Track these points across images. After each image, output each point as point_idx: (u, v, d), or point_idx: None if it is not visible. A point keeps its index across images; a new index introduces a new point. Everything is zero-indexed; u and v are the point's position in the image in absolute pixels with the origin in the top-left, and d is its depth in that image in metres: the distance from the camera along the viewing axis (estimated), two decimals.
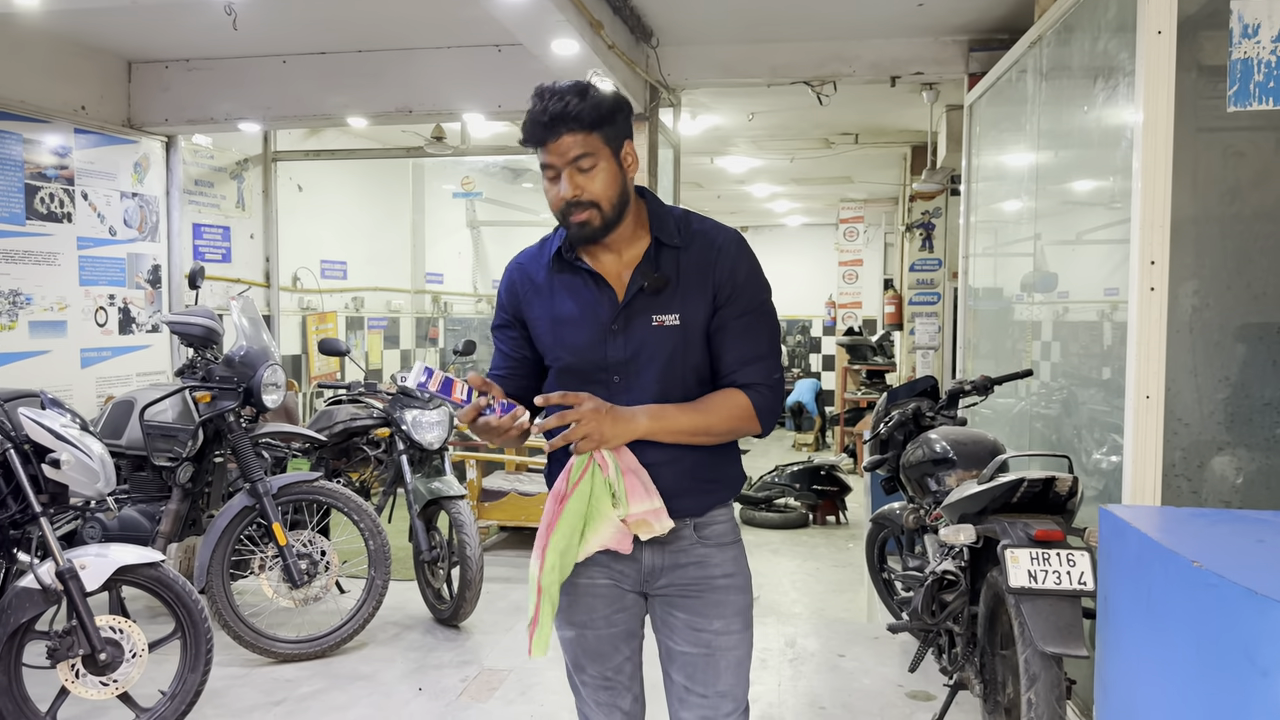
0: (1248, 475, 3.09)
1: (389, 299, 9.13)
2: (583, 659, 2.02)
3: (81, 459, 3.11)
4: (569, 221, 1.83)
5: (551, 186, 1.82)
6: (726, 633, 1.94)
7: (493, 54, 5.79)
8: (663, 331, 1.85)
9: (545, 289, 1.94)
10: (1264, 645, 1.22)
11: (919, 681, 3.85)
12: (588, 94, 1.78)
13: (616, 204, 1.83)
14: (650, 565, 1.94)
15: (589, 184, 1.79)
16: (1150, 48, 2.68)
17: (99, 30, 5.58)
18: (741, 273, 1.89)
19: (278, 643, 4.11)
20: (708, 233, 1.92)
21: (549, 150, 1.79)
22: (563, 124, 1.76)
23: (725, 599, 1.94)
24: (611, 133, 1.81)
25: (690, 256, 1.89)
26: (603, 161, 1.80)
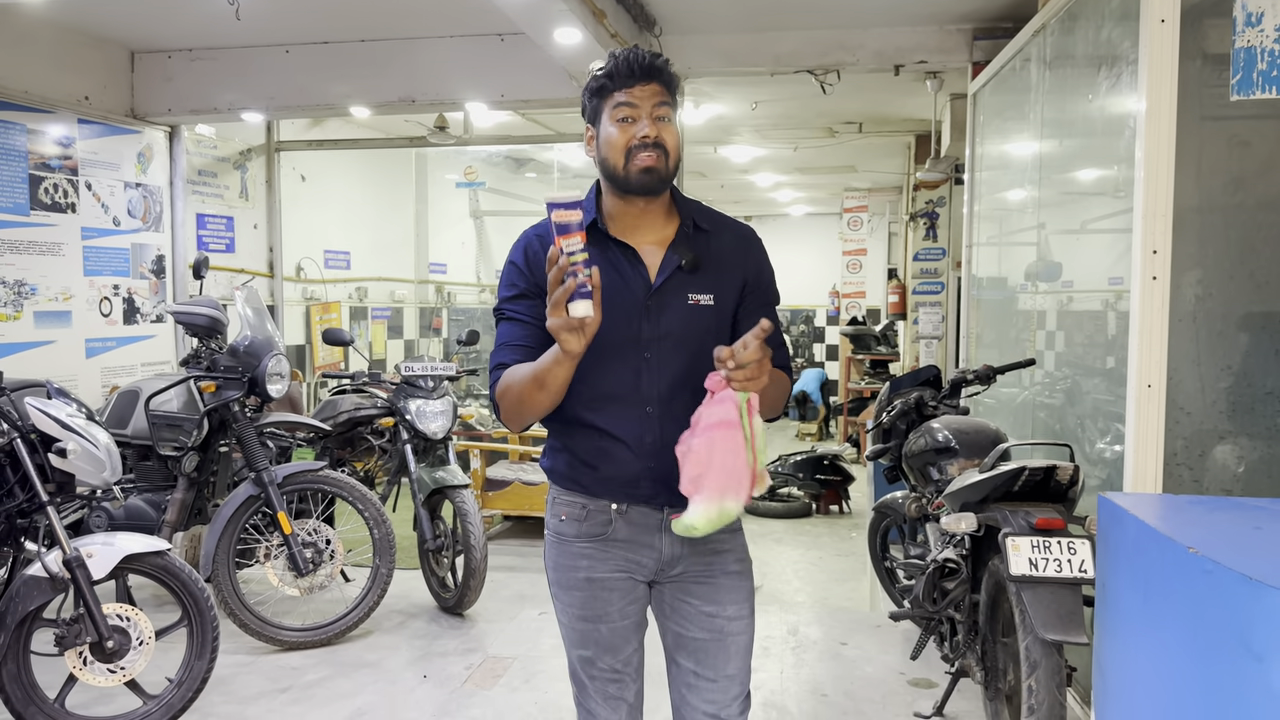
0: (1249, 464, 3.09)
1: (392, 289, 9.14)
2: (595, 652, 2.00)
3: (88, 448, 3.13)
4: (634, 165, 1.82)
5: (625, 128, 1.83)
6: (738, 618, 1.96)
7: (496, 43, 5.78)
8: (698, 310, 1.87)
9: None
10: (1258, 630, 1.23)
11: (921, 669, 3.87)
12: (668, 61, 1.90)
13: (677, 161, 1.88)
14: (670, 553, 1.94)
15: (666, 134, 1.84)
16: (1153, 36, 2.67)
17: (102, 20, 5.58)
18: (767, 267, 1.99)
19: (283, 631, 4.14)
20: (734, 223, 2.00)
21: (634, 92, 1.83)
22: (655, 74, 1.84)
23: (738, 584, 1.97)
24: (676, 100, 1.91)
25: (722, 242, 1.93)
26: (673, 118, 1.88)
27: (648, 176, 1.82)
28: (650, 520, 1.92)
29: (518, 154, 10.05)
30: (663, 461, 1.82)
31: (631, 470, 1.88)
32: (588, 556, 1.95)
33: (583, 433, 1.90)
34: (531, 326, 1.87)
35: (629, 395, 1.86)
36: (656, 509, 1.91)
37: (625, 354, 1.85)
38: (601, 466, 1.90)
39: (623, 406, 1.86)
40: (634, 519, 1.92)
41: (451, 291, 10.19)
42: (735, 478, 1.70)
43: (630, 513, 1.92)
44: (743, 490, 1.71)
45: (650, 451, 1.86)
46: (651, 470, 1.86)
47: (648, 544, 1.93)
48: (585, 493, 1.94)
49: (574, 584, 1.96)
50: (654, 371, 1.85)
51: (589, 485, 1.93)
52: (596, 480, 1.92)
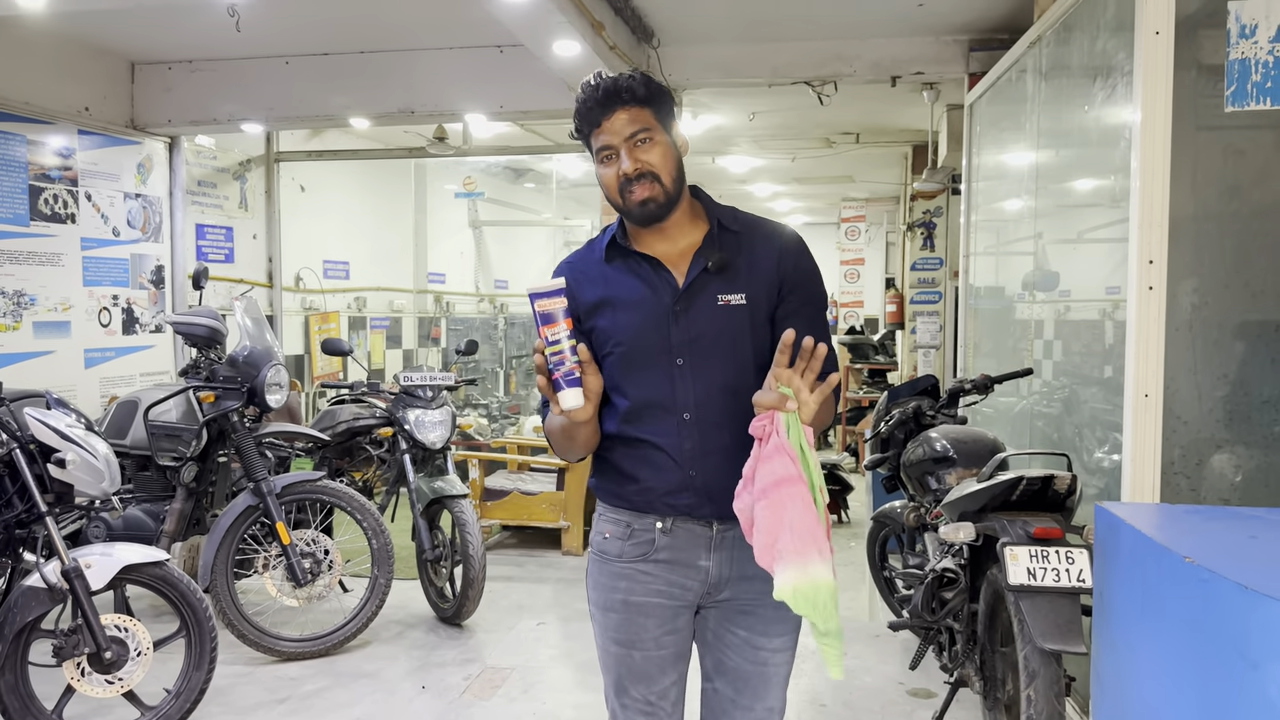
0: (1247, 473, 3.10)
1: (391, 299, 9.15)
2: (627, 680, 1.92)
3: (86, 459, 3.13)
4: (630, 201, 1.78)
5: (609, 167, 1.79)
6: (783, 650, 1.92)
7: (495, 55, 5.80)
8: (729, 311, 1.79)
9: (599, 280, 1.87)
10: (1254, 639, 1.23)
11: (920, 679, 3.86)
12: (637, 74, 1.80)
13: (675, 178, 1.80)
14: (717, 576, 1.86)
15: (648, 156, 1.77)
16: (1148, 48, 2.69)
17: (103, 32, 5.60)
18: (808, 265, 1.87)
19: (281, 641, 4.13)
20: (768, 223, 1.91)
21: (605, 129, 1.77)
22: (617, 99, 1.76)
23: (785, 615, 1.85)
24: (663, 111, 1.81)
25: (754, 241, 1.86)
26: (658, 136, 1.79)
27: (645, 209, 1.78)
28: (697, 537, 1.84)
29: (516, 164, 10.07)
30: (704, 470, 1.79)
31: (673, 479, 1.81)
32: (627, 578, 1.88)
33: (622, 444, 1.86)
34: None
35: (664, 403, 1.80)
36: (704, 524, 1.84)
37: (657, 361, 1.80)
38: (643, 477, 1.84)
39: (659, 414, 1.81)
40: (679, 536, 1.85)
41: (450, 301, 10.20)
42: (812, 536, 1.59)
43: (676, 530, 1.84)
44: (823, 545, 1.61)
45: (690, 458, 1.79)
46: (693, 479, 1.80)
47: (694, 564, 1.85)
48: (629, 508, 1.88)
49: (611, 605, 1.90)
50: (688, 377, 1.79)
51: (632, 499, 1.87)
52: (639, 492, 1.85)
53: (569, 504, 5.84)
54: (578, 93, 1.80)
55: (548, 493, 5.91)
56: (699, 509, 1.82)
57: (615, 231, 1.88)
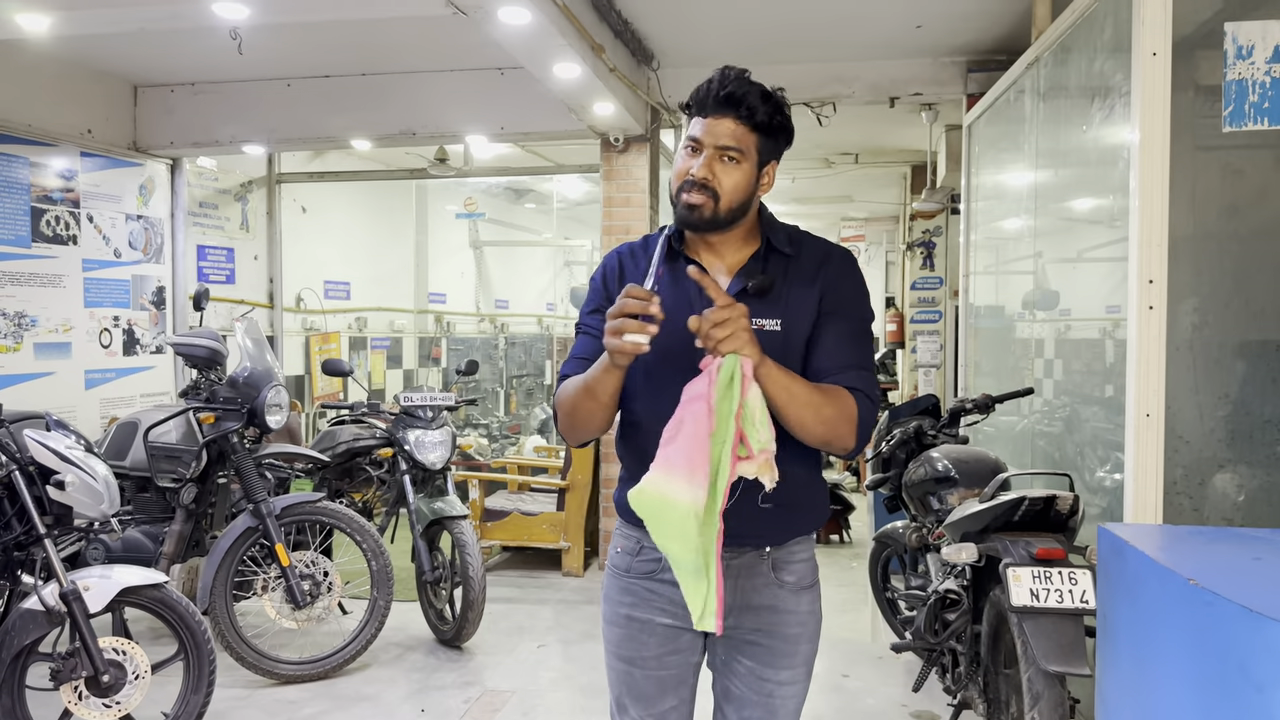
0: (1249, 492, 3.09)
1: (392, 319, 9.16)
2: (627, 698, 1.90)
3: (86, 480, 3.13)
4: (681, 198, 1.74)
5: (687, 159, 1.75)
6: (791, 683, 1.86)
7: (495, 77, 5.83)
8: (763, 336, 1.70)
9: (641, 277, 1.78)
10: (1259, 662, 1.22)
11: (923, 701, 3.84)
12: (770, 98, 1.76)
13: (735, 208, 1.75)
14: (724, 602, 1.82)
15: (724, 175, 1.72)
16: (1146, 69, 2.70)
17: (105, 55, 5.64)
18: (849, 286, 1.81)
19: (280, 664, 4.10)
20: (820, 245, 1.86)
21: (706, 125, 1.73)
22: (732, 107, 1.72)
23: (795, 649, 1.83)
24: (766, 145, 1.76)
25: (799, 264, 1.80)
26: (745, 164, 1.74)
27: (688, 214, 1.74)
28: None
29: (517, 185, 10.11)
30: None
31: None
32: (633, 594, 1.87)
33: (637, 460, 1.78)
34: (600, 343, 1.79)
35: None
36: None
37: (681, 378, 1.68)
38: None
39: None
40: None
41: (451, 321, 10.21)
42: (690, 458, 1.54)
43: None
44: (696, 475, 1.54)
45: None
46: None
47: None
48: (640, 525, 1.75)
49: (616, 619, 1.89)
50: None
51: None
52: None
53: (569, 525, 5.82)
54: (713, 73, 1.76)
55: (548, 513, 5.89)
56: None
57: (673, 231, 1.83)
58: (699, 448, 1.54)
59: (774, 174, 1.81)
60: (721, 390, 1.55)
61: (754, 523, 1.72)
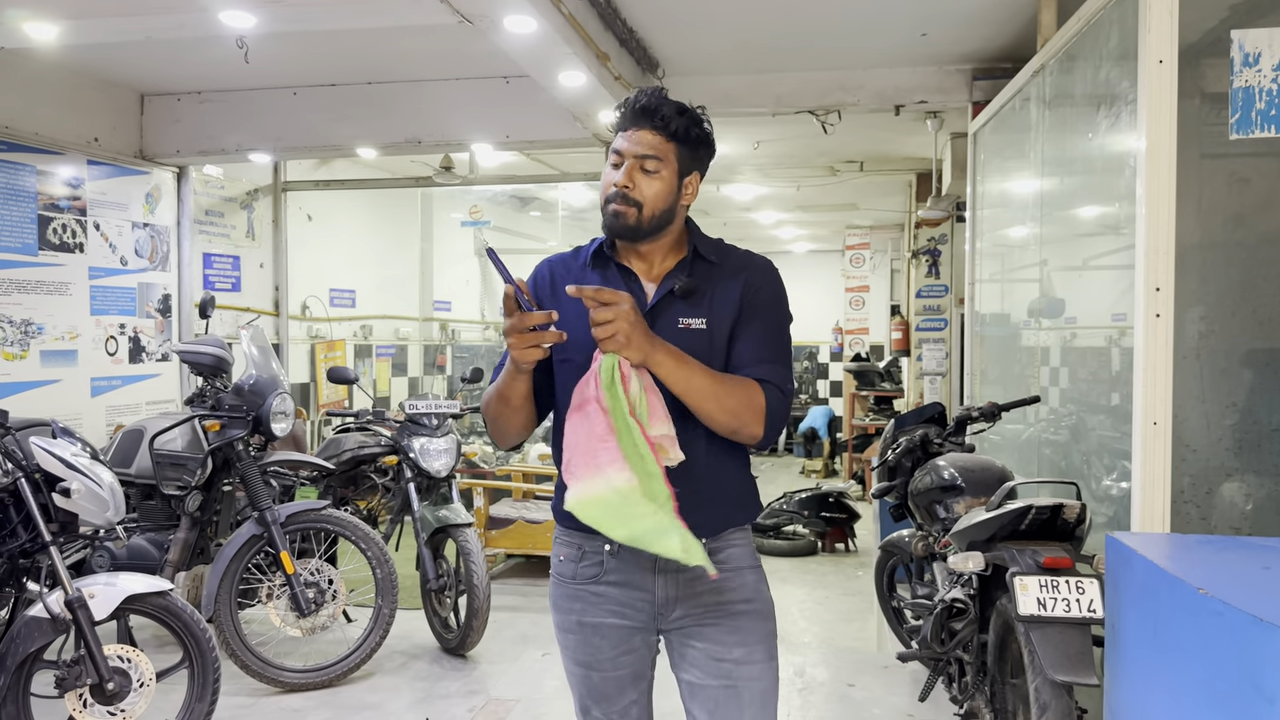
0: (1257, 501, 3.07)
1: (397, 327, 9.17)
2: (588, 700, 1.96)
3: (91, 488, 3.13)
4: (607, 210, 1.85)
5: (610, 172, 1.86)
6: (749, 662, 1.86)
7: (501, 85, 5.85)
8: (689, 334, 1.83)
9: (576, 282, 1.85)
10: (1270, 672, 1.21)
11: (929, 711, 3.82)
12: (686, 111, 1.86)
13: (658, 217, 1.85)
14: (664, 596, 1.87)
15: (645, 184, 1.82)
16: (1152, 77, 2.70)
17: (112, 63, 5.66)
18: (768, 290, 1.91)
19: (285, 672, 4.10)
20: (743, 254, 1.97)
21: (625, 137, 1.84)
22: (647, 119, 1.82)
23: (744, 624, 1.87)
24: (685, 155, 1.86)
25: (724, 271, 1.91)
26: (665, 172, 1.84)
27: (614, 222, 1.84)
28: (643, 559, 1.84)
29: (522, 193, 10.12)
30: None
31: None
32: (581, 600, 1.91)
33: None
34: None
35: None
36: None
37: None
38: None
39: None
40: (625, 559, 1.86)
41: (456, 329, 10.22)
42: (598, 455, 1.63)
43: (622, 552, 1.85)
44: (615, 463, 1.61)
45: None
46: None
47: (640, 585, 1.87)
48: (579, 529, 1.84)
49: (568, 626, 1.93)
50: None
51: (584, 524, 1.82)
52: None
53: None
54: (627, 97, 1.88)
55: (552, 521, 5.87)
56: None
57: (605, 241, 1.93)
58: (602, 445, 1.62)
59: (697, 186, 1.91)
60: (608, 389, 1.64)
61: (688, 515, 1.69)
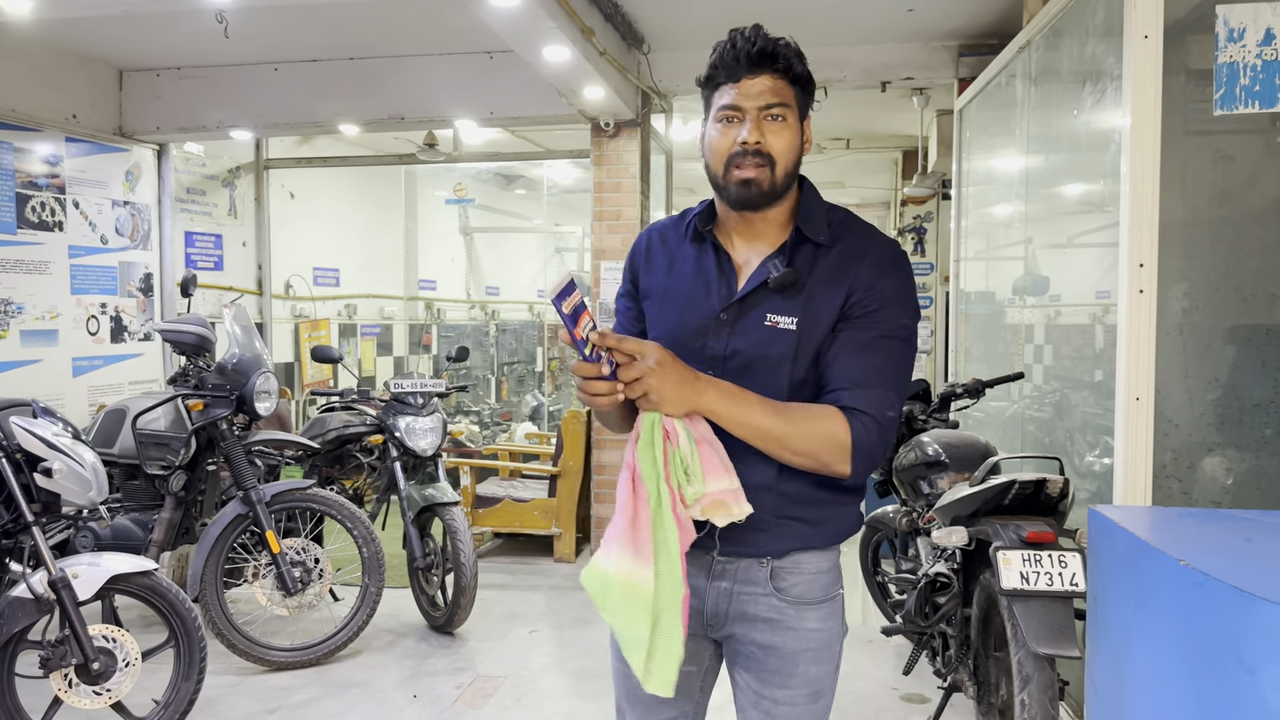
0: (1238, 476, 3.10)
1: (382, 306, 9.13)
2: (624, 701, 1.79)
3: (74, 468, 3.11)
4: (732, 177, 1.58)
5: (726, 131, 1.59)
6: (790, 704, 1.67)
7: (484, 61, 5.80)
8: (775, 333, 1.59)
9: (668, 259, 1.72)
10: (1250, 642, 1.23)
11: (913, 684, 3.85)
12: (793, 47, 1.61)
13: (788, 174, 1.61)
14: (714, 610, 1.68)
15: (775, 138, 1.57)
16: (1137, 52, 2.70)
17: (90, 39, 5.58)
18: (889, 287, 1.60)
19: (272, 651, 4.10)
20: (865, 234, 1.66)
21: (741, 88, 1.57)
22: (770, 63, 1.57)
23: (792, 669, 1.65)
24: (803, 97, 1.63)
25: (832, 257, 1.62)
26: (791, 120, 1.60)
27: (745, 190, 1.58)
28: (698, 564, 1.66)
29: (507, 171, 10.06)
30: None
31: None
32: None
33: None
34: (624, 328, 1.77)
35: None
36: (705, 551, 1.65)
37: (699, 368, 1.58)
38: None
39: None
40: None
41: (441, 308, 10.18)
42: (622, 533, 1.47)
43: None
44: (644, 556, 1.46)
45: None
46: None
47: (693, 589, 1.64)
48: None
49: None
50: None
51: None
52: None
53: (561, 511, 5.82)
54: (724, 40, 1.61)
55: (540, 499, 5.89)
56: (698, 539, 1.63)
57: (700, 212, 1.71)
58: (634, 522, 1.48)
59: (810, 129, 1.67)
60: (644, 453, 1.48)
61: (746, 531, 1.59)
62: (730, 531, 1.55)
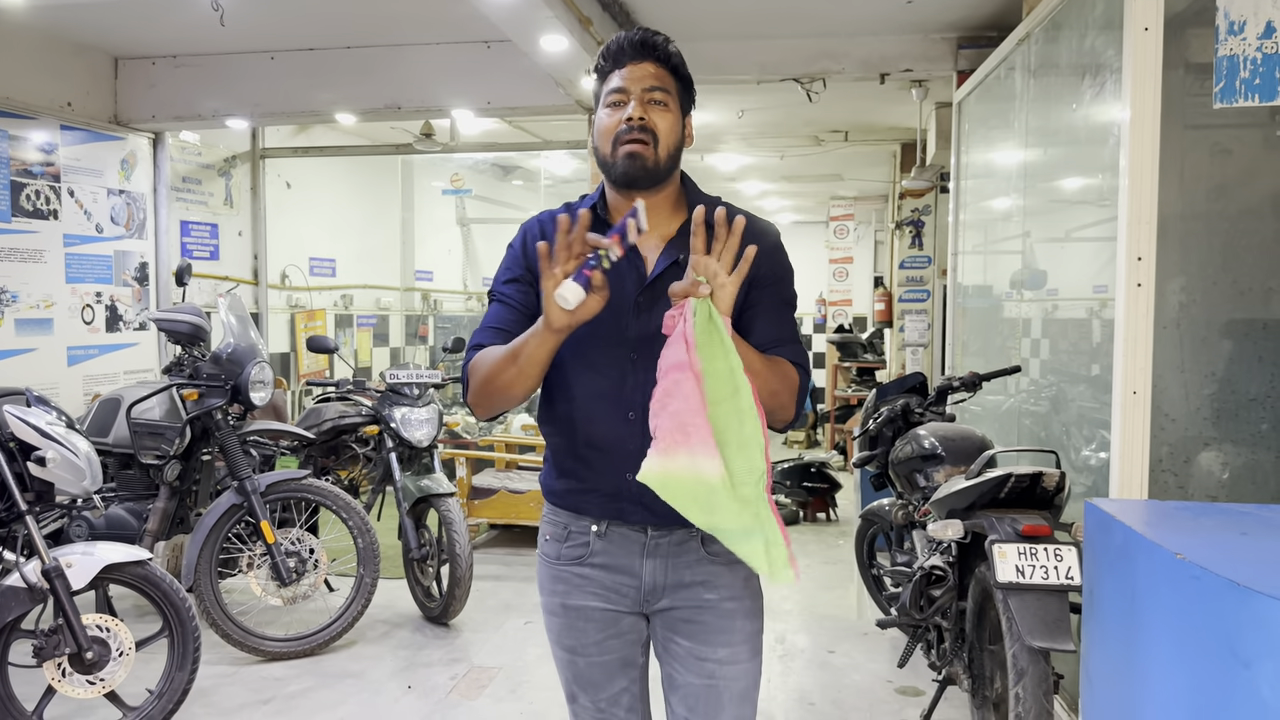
0: (1234, 470, 3.10)
1: (378, 296, 9.11)
2: (575, 686, 1.87)
3: (68, 457, 3.10)
4: (619, 152, 1.69)
5: (613, 114, 1.71)
6: (732, 662, 1.78)
7: (481, 50, 5.77)
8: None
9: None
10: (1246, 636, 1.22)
11: (908, 677, 3.86)
12: (677, 49, 1.77)
13: (671, 155, 1.73)
14: (651, 583, 1.78)
15: (658, 118, 1.70)
16: (1137, 45, 2.69)
17: (85, 26, 5.54)
18: (781, 264, 1.79)
19: (266, 641, 4.10)
20: (750, 219, 1.73)
21: (626, 73, 1.71)
22: (651, 51, 1.72)
23: (731, 625, 1.77)
24: (683, 92, 1.77)
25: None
26: (672, 106, 1.73)
27: (630, 163, 1.68)
28: (631, 543, 1.77)
29: (504, 161, 10.03)
30: None
31: (609, 482, 1.74)
32: (565, 581, 1.82)
33: (564, 439, 1.79)
34: (518, 312, 1.77)
35: (612, 398, 1.71)
36: (638, 529, 1.76)
37: (611, 353, 1.71)
38: (583, 477, 1.77)
39: (605, 410, 1.72)
40: (614, 540, 1.78)
41: (438, 299, 10.16)
42: (692, 426, 1.49)
43: (610, 534, 1.78)
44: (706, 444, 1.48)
45: (633, 460, 1.60)
46: (629, 483, 1.66)
47: (627, 569, 1.78)
48: (566, 509, 1.82)
49: (553, 608, 1.85)
50: (639, 373, 1.67)
51: (569, 500, 1.81)
52: (575, 493, 1.79)
53: None
54: (611, 39, 1.76)
55: (535, 491, 5.88)
56: (632, 514, 1.74)
57: (595, 201, 1.78)
58: (694, 419, 1.49)
59: (692, 128, 1.81)
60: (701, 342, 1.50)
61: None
62: (660, 508, 1.60)
